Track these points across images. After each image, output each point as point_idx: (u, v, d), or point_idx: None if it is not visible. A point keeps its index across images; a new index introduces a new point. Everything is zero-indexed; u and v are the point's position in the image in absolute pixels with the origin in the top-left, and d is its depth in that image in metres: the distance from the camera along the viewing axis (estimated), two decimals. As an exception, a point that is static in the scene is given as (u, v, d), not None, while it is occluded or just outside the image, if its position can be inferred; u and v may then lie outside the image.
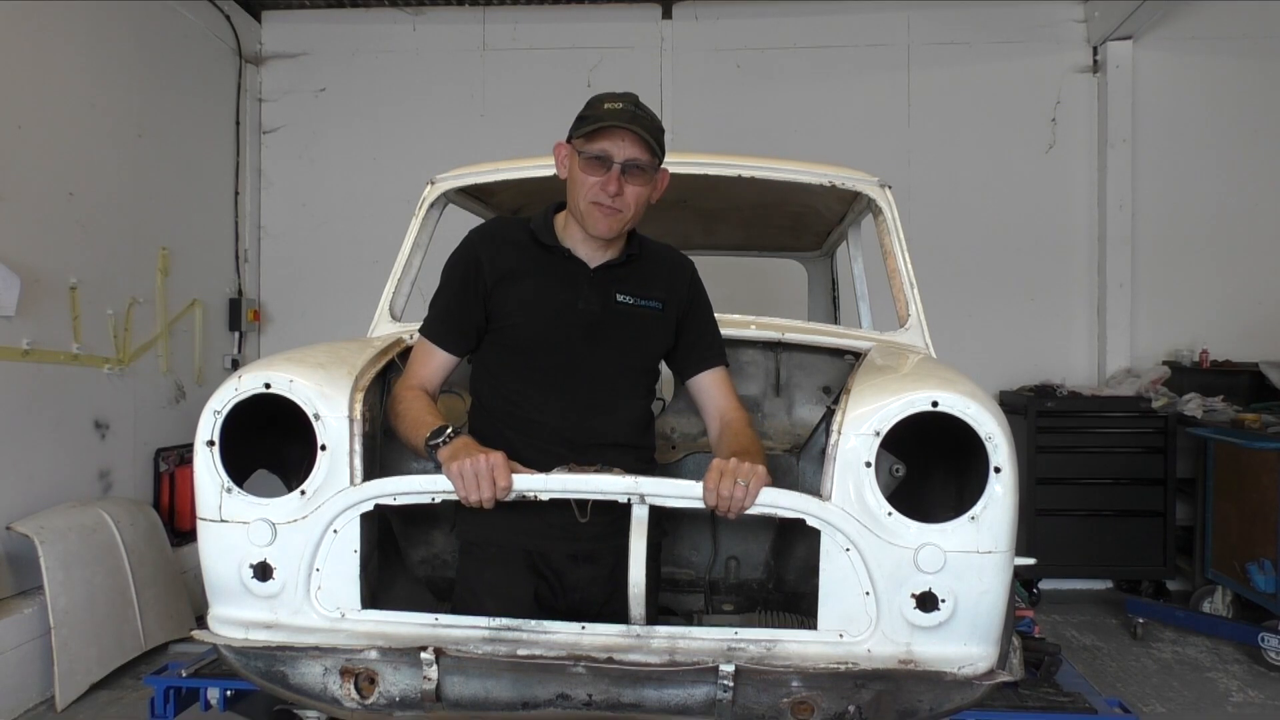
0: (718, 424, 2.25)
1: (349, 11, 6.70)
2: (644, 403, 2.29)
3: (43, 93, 4.51)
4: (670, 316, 2.26)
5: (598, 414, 2.17)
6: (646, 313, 2.23)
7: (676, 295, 2.27)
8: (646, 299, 2.23)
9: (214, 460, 2.01)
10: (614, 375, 2.20)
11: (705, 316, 2.35)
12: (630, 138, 2.07)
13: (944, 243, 6.29)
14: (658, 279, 2.26)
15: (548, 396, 2.16)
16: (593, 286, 2.18)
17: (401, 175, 6.24)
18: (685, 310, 2.29)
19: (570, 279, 2.19)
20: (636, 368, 2.26)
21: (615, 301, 2.20)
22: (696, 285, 2.34)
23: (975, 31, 6.47)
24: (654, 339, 2.26)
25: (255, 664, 2.01)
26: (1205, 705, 4.19)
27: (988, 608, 1.90)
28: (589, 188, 2.09)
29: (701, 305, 2.35)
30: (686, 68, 6.59)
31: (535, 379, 2.17)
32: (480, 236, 2.26)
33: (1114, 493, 5.58)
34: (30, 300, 4.31)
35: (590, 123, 2.08)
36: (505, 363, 2.21)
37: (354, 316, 3.47)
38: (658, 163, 2.14)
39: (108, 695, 4.10)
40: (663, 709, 1.91)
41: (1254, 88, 6.25)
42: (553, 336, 2.16)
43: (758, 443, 2.17)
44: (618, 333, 2.19)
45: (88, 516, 4.40)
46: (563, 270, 2.19)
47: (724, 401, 2.27)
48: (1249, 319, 6.21)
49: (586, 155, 2.09)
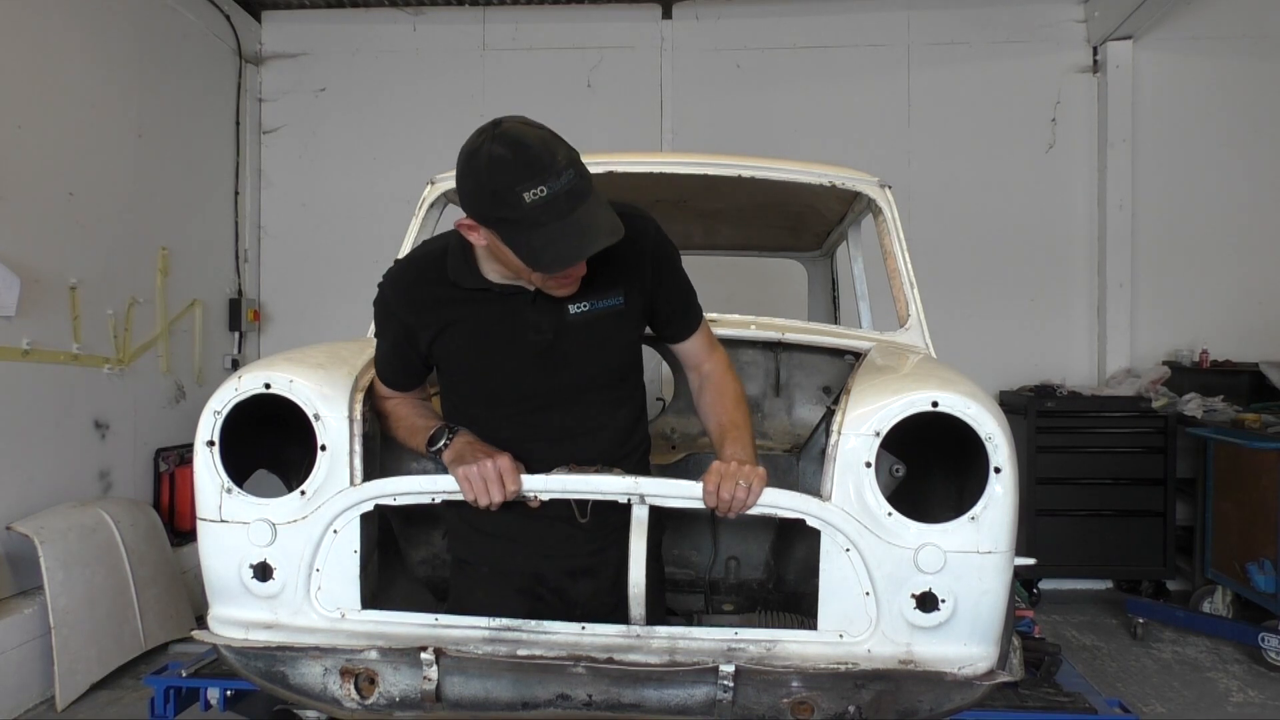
0: (697, 378, 2.20)
1: (349, 11, 6.69)
2: (627, 408, 2.14)
3: (43, 93, 4.51)
4: (635, 305, 2.05)
5: (578, 441, 2.05)
6: (607, 314, 2.01)
7: (638, 277, 2.03)
8: (604, 298, 2.00)
9: (214, 460, 2.01)
10: (586, 395, 2.05)
11: (675, 282, 2.10)
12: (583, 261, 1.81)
13: (944, 243, 6.29)
14: (613, 272, 1.98)
15: (525, 438, 2.03)
16: (539, 312, 1.97)
17: (401, 175, 6.26)
18: (653, 286, 2.06)
19: (512, 314, 1.98)
20: (610, 378, 2.09)
21: (569, 317, 1.98)
22: (660, 250, 2.05)
23: (975, 31, 6.46)
24: (622, 340, 2.08)
25: (255, 664, 2.01)
26: (1205, 705, 4.18)
27: (988, 608, 1.90)
28: (542, 279, 1.86)
29: (670, 272, 2.09)
30: (686, 68, 6.59)
31: (505, 425, 2.04)
32: (397, 299, 2.04)
33: (1114, 493, 5.57)
34: (30, 300, 4.31)
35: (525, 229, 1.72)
36: (472, 413, 2.08)
37: (354, 316, 3.46)
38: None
39: (108, 695, 4.10)
40: (663, 709, 1.91)
41: (1254, 87, 6.25)
42: (509, 381, 2.02)
43: (741, 398, 2.12)
44: (578, 349, 2.01)
45: (88, 516, 4.40)
46: (501, 309, 1.98)
47: (701, 354, 2.18)
48: (1249, 319, 6.20)
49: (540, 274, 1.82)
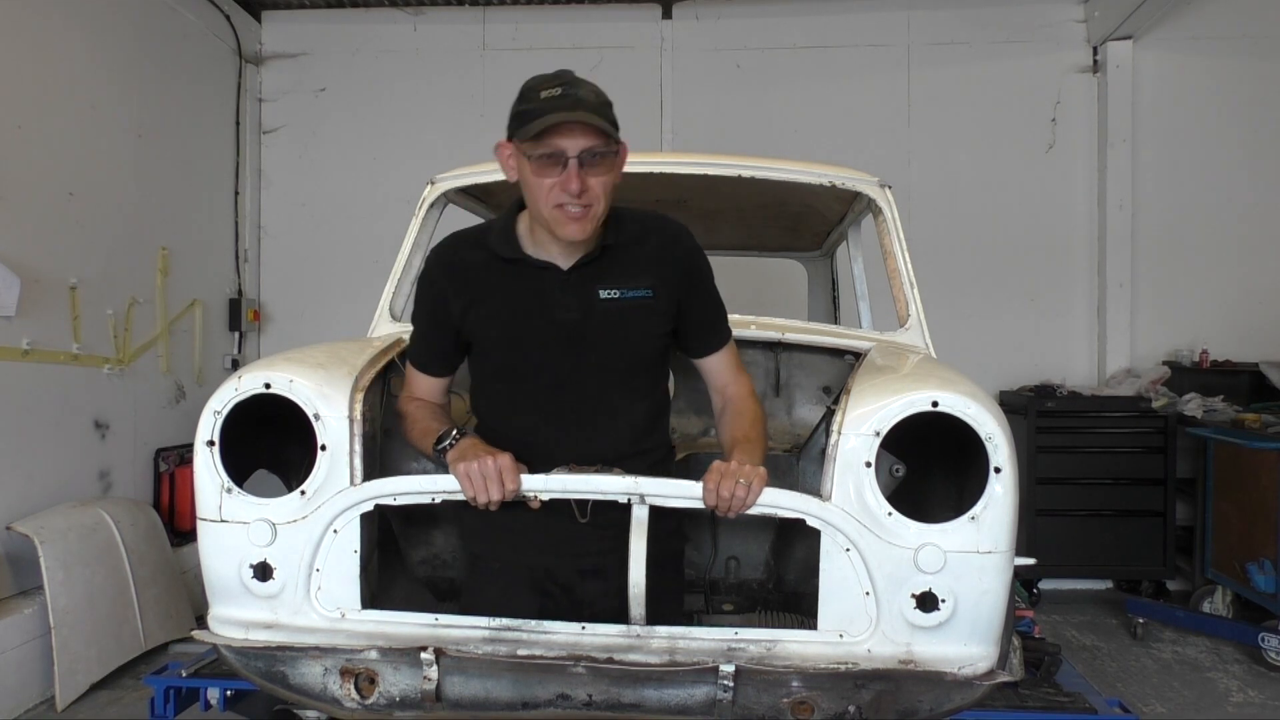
0: (719, 399, 2.21)
1: (349, 11, 6.69)
2: (646, 404, 2.14)
3: (43, 93, 4.51)
4: (664, 301, 2.06)
5: (595, 429, 2.06)
6: (636, 304, 2.03)
7: (669, 276, 2.06)
8: (634, 288, 2.03)
9: (214, 460, 2.01)
10: (608, 382, 2.06)
11: (706, 292, 2.14)
12: (580, 128, 1.85)
13: (944, 243, 6.29)
14: (644, 263, 2.04)
15: (540, 421, 2.06)
16: (569, 291, 2.01)
17: (401, 175, 6.26)
18: (683, 290, 2.08)
19: (543, 290, 2.02)
20: (634, 368, 2.09)
21: (599, 300, 2.01)
22: (693, 259, 2.11)
23: (975, 31, 6.46)
24: (648, 332, 2.07)
25: (255, 664, 2.00)
26: (1205, 705, 4.19)
27: (988, 608, 1.90)
28: (547, 191, 1.89)
29: (700, 282, 2.13)
30: (686, 68, 6.59)
31: (524, 404, 2.07)
32: (438, 265, 2.11)
33: (1114, 493, 5.57)
34: (30, 300, 4.31)
35: (531, 119, 1.86)
36: (493, 389, 2.13)
37: (354, 316, 3.47)
38: (615, 143, 1.92)
39: (108, 695, 4.10)
40: (663, 709, 1.91)
41: (1254, 87, 6.25)
42: (533, 358, 2.04)
43: (760, 420, 2.12)
44: (605, 335, 2.03)
45: (88, 516, 4.40)
46: (533, 282, 2.03)
47: (726, 376, 2.18)
48: (1249, 319, 6.20)
49: (536, 157, 1.88)
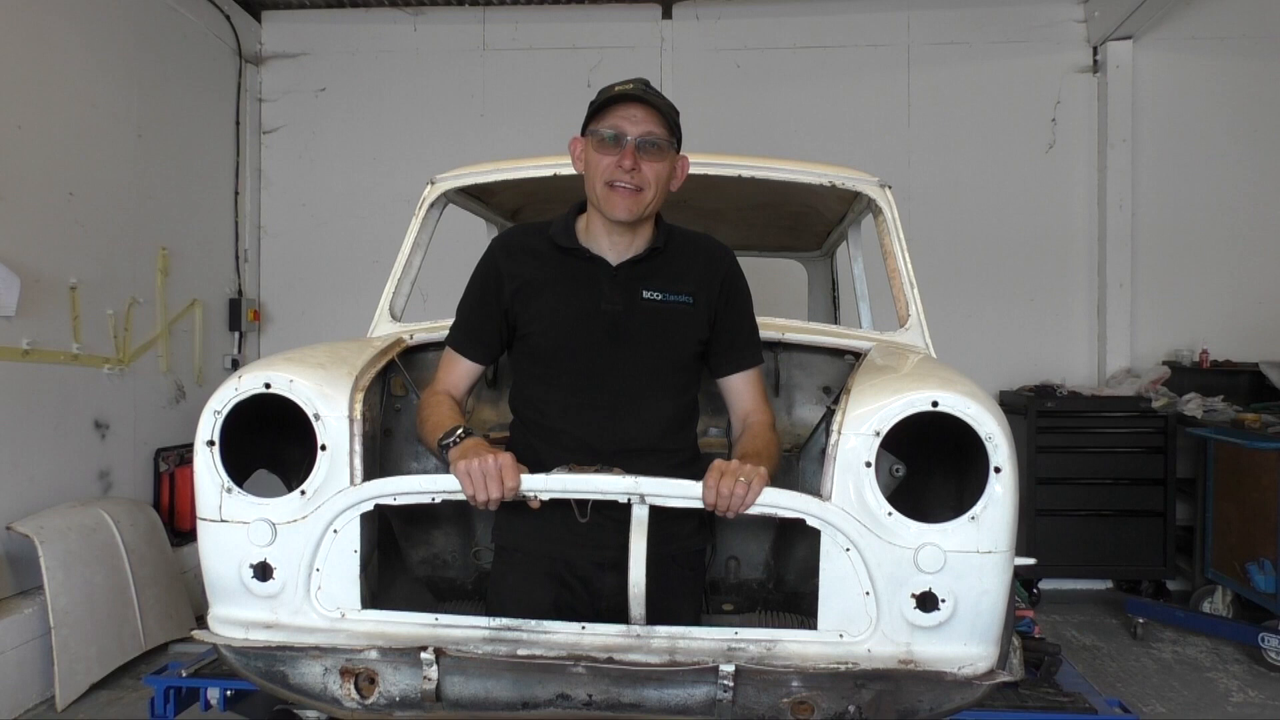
0: (740, 424, 2.23)
1: (349, 11, 6.69)
2: (675, 403, 2.19)
3: (43, 93, 4.51)
4: (702, 311, 2.16)
5: (624, 419, 2.11)
6: (676, 308, 2.13)
7: (709, 289, 2.16)
8: (675, 293, 2.13)
9: (214, 460, 2.01)
10: (642, 377, 2.13)
11: (741, 313, 2.23)
12: (642, 110, 2.01)
13: (944, 243, 6.30)
14: (688, 271, 2.16)
15: (571, 404, 2.12)
16: (616, 285, 2.11)
17: (401, 175, 6.28)
18: (720, 306, 2.18)
19: (591, 281, 2.12)
20: (667, 367, 2.16)
21: (641, 299, 2.11)
22: (734, 278, 2.22)
23: (975, 31, 6.46)
24: (685, 336, 2.15)
25: (255, 664, 2.01)
26: (1205, 705, 4.18)
27: (988, 608, 1.90)
28: (603, 169, 2.03)
29: (738, 301, 2.22)
30: (686, 68, 6.59)
31: (559, 387, 2.13)
32: (500, 246, 2.21)
33: (1114, 493, 5.57)
34: (30, 300, 4.31)
35: (600, 100, 2.04)
36: (531, 372, 2.19)
37: (354, 316, 3.48)
38: (675, 142, 2.07)
39: (108, 695, 4.10)
40: (663, 709, 1.91)
41: (1254, 87, 6.25)
42: (575, 342, 2.11)
43: (774, 446, 2.13)
44: (644, 332, 2.11)
45: (88, 516, 4.40)
46: (583, 273, 2.13)
47: (750, 403, 2.22)
48: (1249, 319, 6.20)
49: (599, 135, 2.03)
